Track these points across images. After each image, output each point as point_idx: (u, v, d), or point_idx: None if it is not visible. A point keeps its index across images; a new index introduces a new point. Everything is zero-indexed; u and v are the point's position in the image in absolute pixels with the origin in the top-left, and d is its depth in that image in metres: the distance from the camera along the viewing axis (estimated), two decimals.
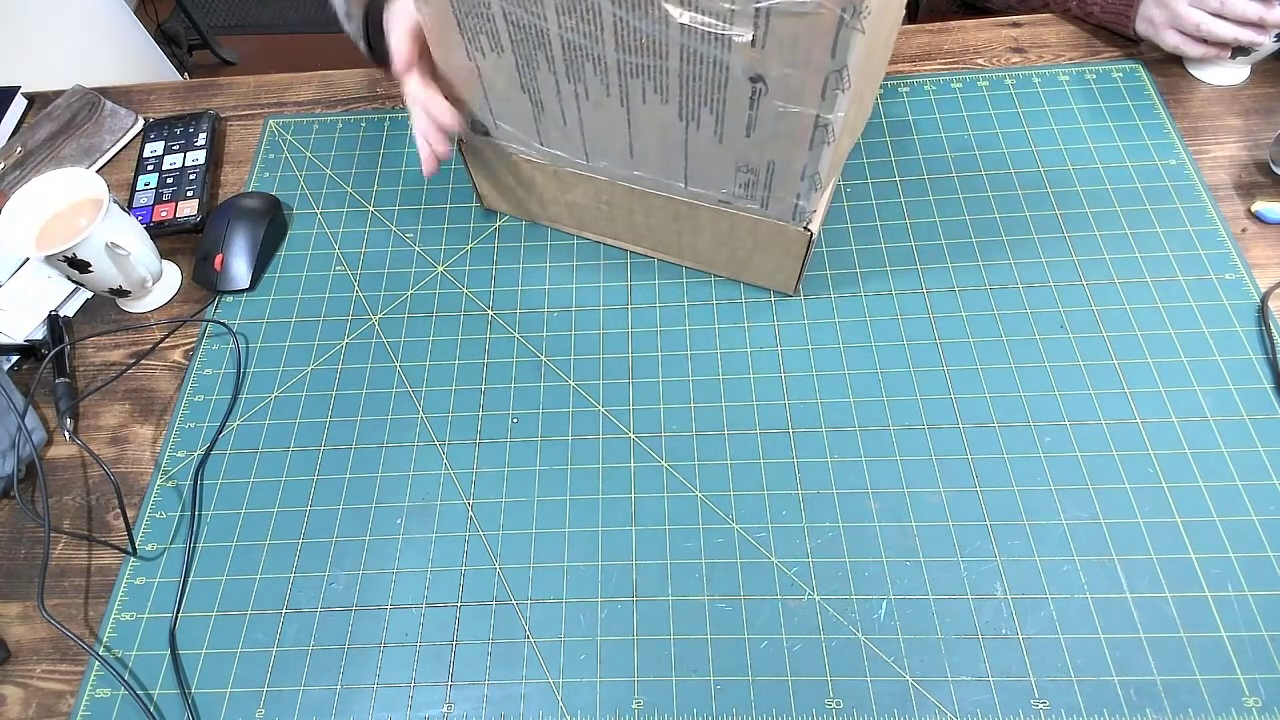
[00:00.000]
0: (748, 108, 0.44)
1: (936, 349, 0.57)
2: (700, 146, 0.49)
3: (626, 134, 0.51)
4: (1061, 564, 0.49)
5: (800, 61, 0.40)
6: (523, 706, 0.47)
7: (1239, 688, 0.44)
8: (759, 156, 0.48)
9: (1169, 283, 0.58)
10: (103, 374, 0.62)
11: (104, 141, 0.76)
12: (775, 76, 0.42)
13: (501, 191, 0.64)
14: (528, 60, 0.48)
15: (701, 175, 0.51)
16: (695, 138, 0.48)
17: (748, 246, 0.56)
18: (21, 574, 0.54)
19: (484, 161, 0.61)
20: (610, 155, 0.53)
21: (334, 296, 0.64)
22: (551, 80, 0.49)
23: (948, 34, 0.74)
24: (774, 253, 0.56)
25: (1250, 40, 0.61)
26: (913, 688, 0.46)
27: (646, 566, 0.51)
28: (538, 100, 0.51)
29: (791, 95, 0.42)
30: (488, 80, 0.52)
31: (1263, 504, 0.49)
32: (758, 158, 0.48)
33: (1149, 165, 0.63)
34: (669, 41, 0.42)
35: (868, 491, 0.52)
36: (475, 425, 0.57)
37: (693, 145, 0.49)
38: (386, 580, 0.52)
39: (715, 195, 0.52)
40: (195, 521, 0.55)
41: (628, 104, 0.48)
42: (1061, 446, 0.52)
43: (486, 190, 0.65)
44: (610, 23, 0.43)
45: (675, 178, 0.53)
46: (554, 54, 0.47)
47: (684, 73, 0.44)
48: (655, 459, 0.54)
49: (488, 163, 0.61)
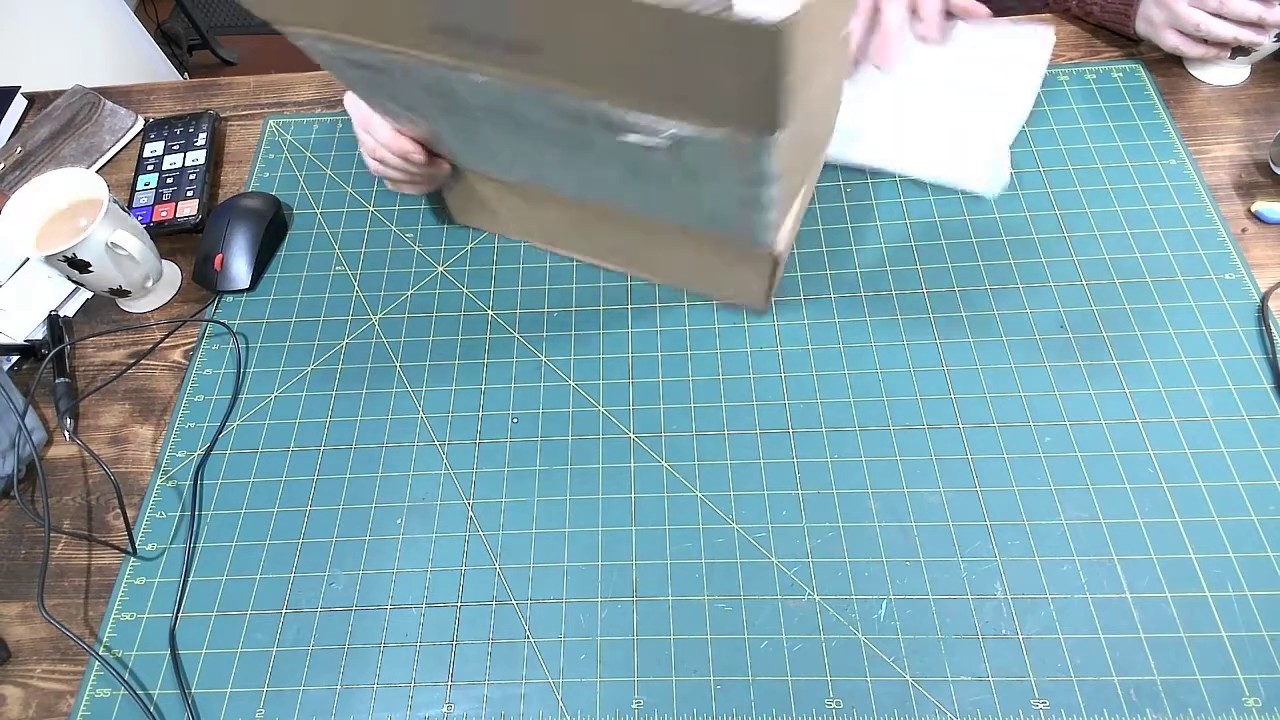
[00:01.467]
0: (683, 184, 0.43)
1: (936, 349, 0.57)
2: (650, 190, 0.47)
3: (576, 173, 0.49)
4: (1061, 564, 0.49)
5: (724, 166, 0.39)
6: (523, 706, 0.47)
7: (1239, 688, 0.44)
8: (707, 208, 0.46)
9: (1169, 283, 0.58)
10: (103, 374, 0.62)
11: (104, 141, 0.76)
12: (704, 173, 0.40)
13: (471, 209, 0.64)
14: (464, 128, 0.47)
15: (657, 208, 0.50)
16: (643, 185, 0.46)
17: (714, 265, 0.55)
18: (21, 574, 0.54)
19: (452, 180, 0.61)
20: (566, 184, 0.52)
21: (334, 296, 0.64)
22: (492, 138, 0.48)
23: None
24: (742, 271, 0.54)
25: (1250, 40, 0.61)
26: (913, 688, 0.46)
27: (646, 566, 0.51)
28: (487, 150, 0.51)
29: (722, 185, 0.41)
30: (433, 136, 0.52)
31: (1263, 504, 0.49)
32: (707, 208, 0.46)
33: (1149, 165, 0.63)
34: (596, 143, 0.41)
35: (868, 491, 0.52)
36: (475, 425, 0.57)
37: (643, 189, 0.47)
38: (386, 580, 0.52)
39: (675, 223, 0.52)
40: (195, 521, 0.55)
41: (571, 158, 0.46)
42: (1061, 446, 0.52)
43: (458, 207, 0.65)
44: (535, 122, 0.41)
45: (633, 205, 0.51)
46: (487, 127, 0.46)
47: (619, 153, 0.42)
48: (655, 459, 0.54)
49: (456, 181, 0.61)
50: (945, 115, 0.58)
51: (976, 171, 0.55)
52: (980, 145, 0.56)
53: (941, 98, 0.59)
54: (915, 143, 0.58)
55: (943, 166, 0.56)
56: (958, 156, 0.56)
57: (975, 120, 0.58)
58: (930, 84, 0.60)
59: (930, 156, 0.57)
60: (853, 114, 0.59)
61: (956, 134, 0.58)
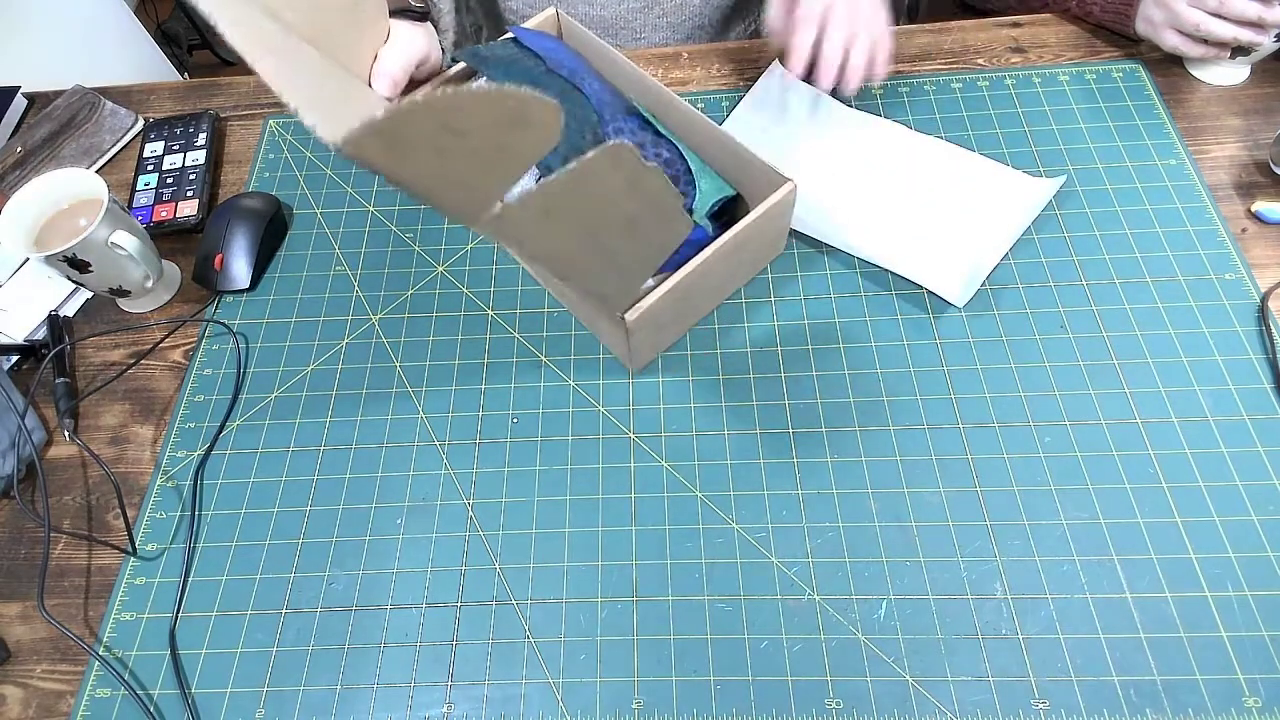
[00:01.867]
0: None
1: (936, 349, 0.57)
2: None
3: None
4: (1061, 564, 0.49)
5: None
6: (523, 706, 0.47)
7: (1239, 688, 0.44)
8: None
9: (1169, 283, 0.58)
10: (103, 374, 0.62)
11: (104, 141, 0.76)
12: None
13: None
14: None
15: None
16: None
17: (600, 318, 0.55)
18: (21, 574, 0.54)
19: None
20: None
21: (334, 296, 0.64)
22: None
23: (948, 34, 0.74)
24: (615, 329, 0.54)
25: (1250, 40, 0.61)
26: (913, 688, 0.46)
27: (646, 566, 0.51)
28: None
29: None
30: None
31: (1263, 504, 0.49)
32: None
33: (1149, 165, 0.63)
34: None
35: (868, 491, 0.52)
36: (475, 425, 0.57)
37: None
38: (386, 580, 0.52)
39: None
40: (195, 521, 0.55)
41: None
42: (1061, 446, 0.52)
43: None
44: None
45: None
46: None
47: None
48: (655, 459, 0.54)
49: None
50: (938, 225, 0.61)
51: (953, 283, 0.58)
52: (963, 261, 0.59)
53: (939, 209, 0.62)
54: (904, 242, 0.61)
55: (924, 271, 0.59)
56: (940, 265, 0.59)
57: (965, 236, 0.60)
58: (933, 194, 0.63)
59: (916, 259, 0.60)
60: (853, 206, 0.63)
61: (944, 244, 0.60)
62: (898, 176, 0.64)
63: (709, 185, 0.56)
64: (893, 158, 0.65)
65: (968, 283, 0.58)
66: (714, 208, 0.56)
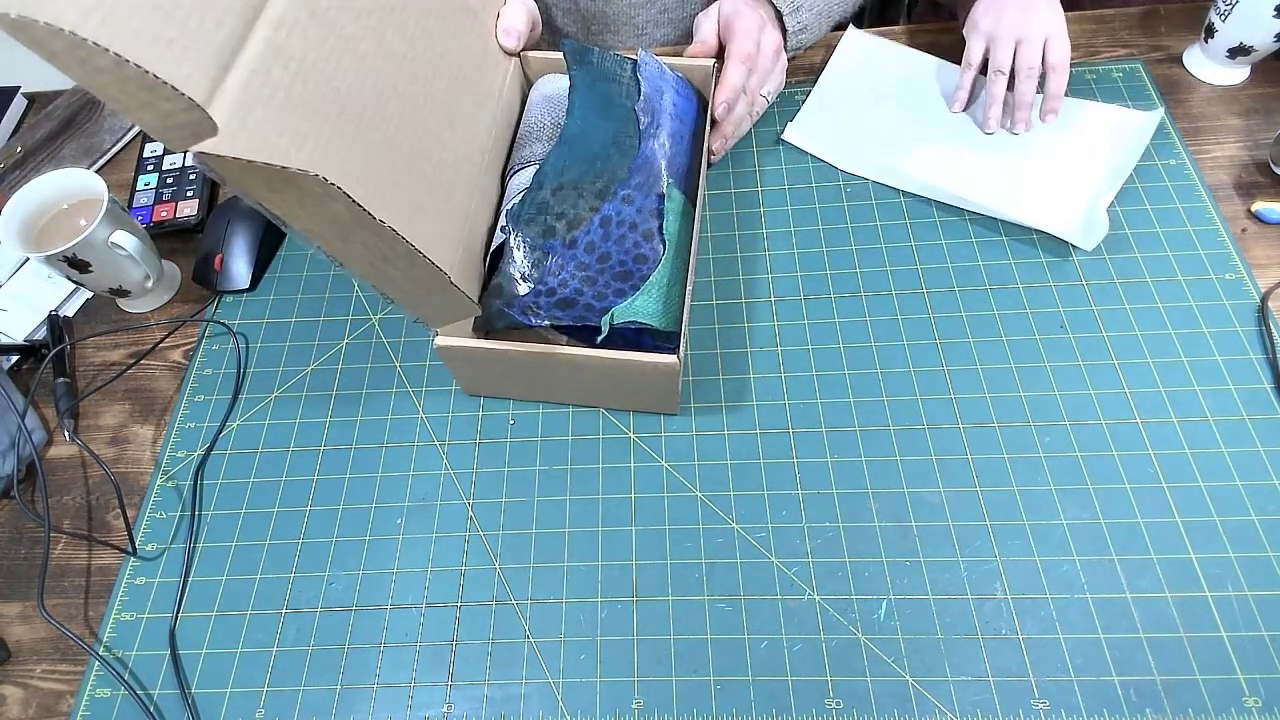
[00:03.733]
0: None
1: (936, 349, 0.57)
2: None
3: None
4: (1061, 564, 0.49)
5: None
6: (523, 706, 0.47)
7: (1239, 688, 0.44)
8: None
9: (1169, 283, 0.58)
10: (103, 374, 0.62)
11: (104, 141, 0.76)
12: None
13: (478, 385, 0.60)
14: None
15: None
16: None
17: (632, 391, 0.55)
18: (21, 574, 0.54)
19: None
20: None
21: (334, 296, 0.64)
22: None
23: (948, 34, 0.74)
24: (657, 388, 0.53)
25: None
26: (913, 688, 0.46)
27: (646, 566, 0.51)
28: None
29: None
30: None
31: (1263, 504, 0.49)
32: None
33: (1149, 165, 0.63)
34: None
35: (868, 491, 0.52)
36: (475, 425, 0.57)
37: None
38: (386, 580, 0.52)
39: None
40: (195, 521, 0.55)
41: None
42: (1061, 446, 0.52)
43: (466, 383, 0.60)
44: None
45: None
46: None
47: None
48: (655, 459, 0.54)
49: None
50: (1048, 168, 0.62)
51: (1074, 223, 0.59)
52: (1079, 202, 0.60)
53: (1044, 151, 0.63)
54: (1017, 188, 0.62)
55: (1041, 215, 0.60)
56: (1056, 207, 0.60)
57: (1077, 175, 0.61)
58: (1035, 136, 0.64)
59: (1030, 203, 0.60)
60: (958, 157, 0.64)
61: (1058, 185, 0.61)
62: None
63: (642, 305, 0.50)
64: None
65: (1087, 225, 0.59)
66: (627, 323, 0.50)
